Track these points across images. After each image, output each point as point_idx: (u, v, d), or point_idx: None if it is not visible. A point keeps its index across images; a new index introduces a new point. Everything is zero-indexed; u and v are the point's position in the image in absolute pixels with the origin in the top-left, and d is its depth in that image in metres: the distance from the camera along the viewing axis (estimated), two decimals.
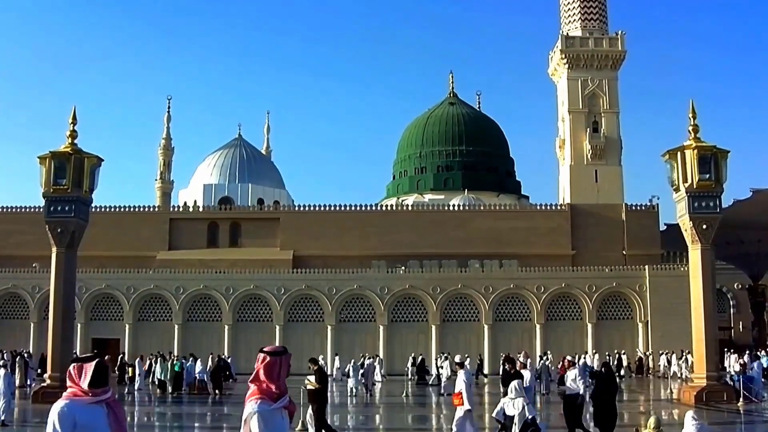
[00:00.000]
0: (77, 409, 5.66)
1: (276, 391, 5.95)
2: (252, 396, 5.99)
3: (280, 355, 6.06)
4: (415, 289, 59.10)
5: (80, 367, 5.79)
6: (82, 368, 5.78)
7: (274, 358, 6.01)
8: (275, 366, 6.00)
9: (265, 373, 5.98)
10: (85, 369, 5.77)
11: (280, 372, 6.01)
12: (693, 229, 31.07)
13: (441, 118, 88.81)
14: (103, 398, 5.78)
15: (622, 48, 74.71)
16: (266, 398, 5.93)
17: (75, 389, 5.75)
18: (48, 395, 29.14)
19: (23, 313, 58.97)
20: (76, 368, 5.79)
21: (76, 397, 5.72)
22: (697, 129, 31.91)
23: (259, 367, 6.02)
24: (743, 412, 28.16)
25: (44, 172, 30.99)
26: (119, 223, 66.68)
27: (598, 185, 71.69)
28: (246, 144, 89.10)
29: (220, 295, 58.67)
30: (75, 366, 5.81)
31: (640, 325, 58.12)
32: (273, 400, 5.93)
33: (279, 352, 6.11)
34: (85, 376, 5.74)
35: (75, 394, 5.74)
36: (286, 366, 6.06)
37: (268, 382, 5.95)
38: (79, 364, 5.82)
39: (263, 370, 5.99)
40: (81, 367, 5.79)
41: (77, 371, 5.77)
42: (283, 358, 6.07)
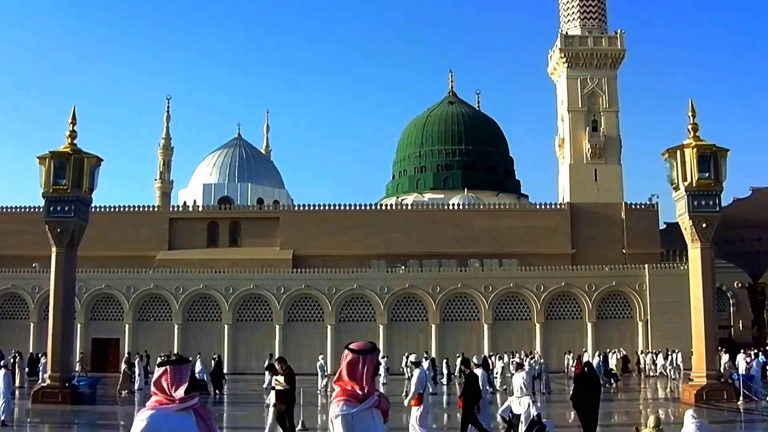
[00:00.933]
0: (164, 418, 5.06)
1: (360, 391, 5.48)
2: (336, 397, 5.57)
3: (362, 353, 5.57)
4: (415, 288, 59.12)
5: (175, 371, 5.14)
6: (178, 372, 5.15)
7: (355, 356, 5.55)
8: (357, 364, 5.53)
9: (348, 372, 5.54)
10: (180, 374, 5.15)
11: (364, 371, 5.53)
12: (693, 228, 31.07)
13: (440, 117, 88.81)
14: (190, 404, 5.17)
15: (621, 47, 74.68)
16: (351, 399, 5.48)
17: (160, 397, 5.13)
18: (47, 395, 29.19)
19: (23, 313, 58.96)
20: (171, 372, 5.14)
21: (162, 405, 5.10)
22: (696, 128, 31.90)
23: (342, 365, 5.59)
24: (743, 410, 28.17)
25: (44, 172, 30.96)
26: (119, 223, 66.68)
27: (598, 184, 71.66)
28: (245, 143, 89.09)
29: (220, 295, 58.67)
30: (169, 369, 5.15)
31: (640, 324, 58.16)
32: (358, 401, 5.47)
33: (363, 350, 5.58)
34: (183, 381, 5.13)
35: (160, 402, 5.12)
36: (370, 365, 5.55)
37: (352, 382, 5.50)
38: (173, 367, 5.16)
39: (346, 368, 5.56)
40: (176, 371, 5.15)
41: (172, 375, 5.13)
42: (367, 356, 5.56)
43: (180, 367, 5.16)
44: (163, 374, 5.13)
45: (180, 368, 5.15)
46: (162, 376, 5.14)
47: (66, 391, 29.27)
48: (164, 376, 5.13)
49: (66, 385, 29.70)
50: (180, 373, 5.13)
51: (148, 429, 5.01)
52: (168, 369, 5.13)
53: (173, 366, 5.15)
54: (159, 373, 5.15)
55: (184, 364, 5.20)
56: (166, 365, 5.17)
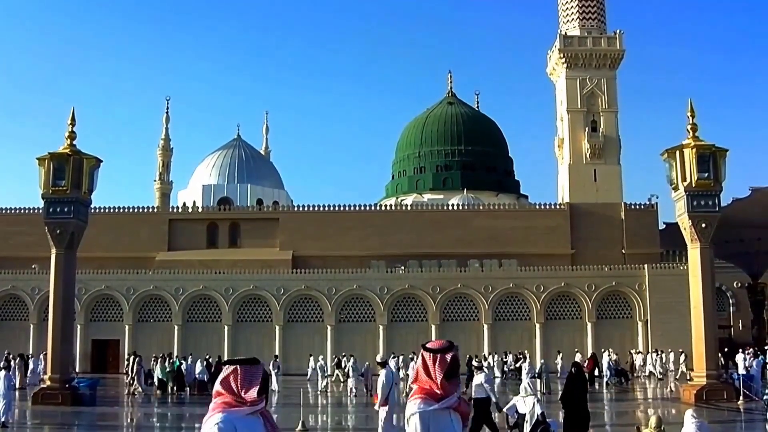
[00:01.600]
0: (236, 422, 4.82)
1: (439, 390, 5.27)
2: (413, 395, 5.41)
3: (437, 352, 5.37)
4: (415, 288, 59.12)
5: (246, 372, 4.91)
6: (249, 373, 4.91)
7: (430, 355, 5.37)
8: (432, 363, 5.35)
9: (424, 371, 5.36)
10: (253, 375, 4.92)
11: (439, 370, 5.31)
12: (692, 228, 31.09)
13: (440, 117, 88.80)
14: (259, 407, 4.97)
15: (620, 47, 74.69)
16: (428, 398, 5.28)
17: (228, 399, 4.88)
18: (47, 396, 29.18)
19: (23, 314, 58.93)
20: (241, 372, 4.90)
21: (232, 408, 4.86)
22: (695, 128, 31.92)
23: (418, 364, 5.41)
24: (743, 410, 28.18)
25: (43, 173, 30.97)
26: (118, 224, 66.66)
27: (597, 184, 71.65)
28: (245, 144, 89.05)
29: (220, 296, 58.67)
30: (240, 370, 4.92)
31: (640, 324, 58.17)
32: (436, 400, 5.27)
33: (437, 348, 5.38)
34: (254, 383, 4.91)
35: (229, 404, 4.87)
36: (445, 364, 5.30)
37: (429, 381, 5.30)
38: (245, 367, 4.94)
39: (421, 367, 5.39)
40: (247, 371, 4.92)
41: (242, 376, 4.90)
42: (443, 354, 5.34)
43: (251, 368, 4.95)
44: (232, 374, 4.92)
45: (251, 369, 4.94)
46: (230, 376, 4.92)
47: (66, 393, 29.26)
48: (233, 376, 4.91)
49: (66, 386, 29.68)
50: (251, 374, 4.93)
51: None
52: (238, 369, 4.92)
53: (245, 366, 4.93)
54: (227, 372, 4.94)
55: (256, 365, 4.99)
56: (235, 364, 4.96)
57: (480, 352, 54.14)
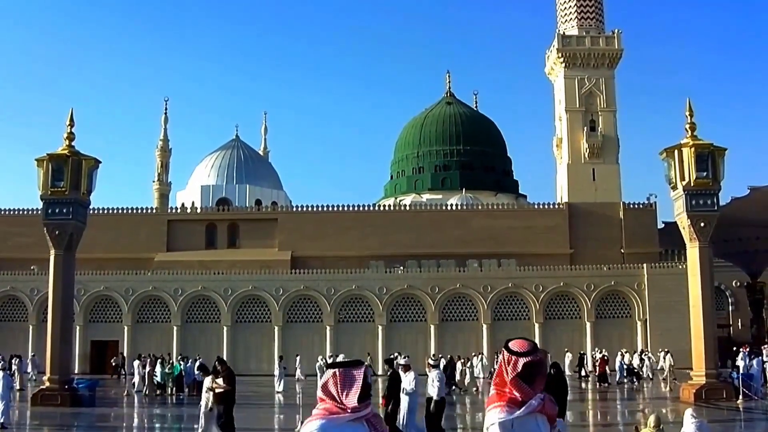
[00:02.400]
0: (335, 429, 4.48)
1: (519, 395, 4.85)
2: (490, 402, 4.96)
3: (518, 355, 4.92)
4: (414, 289, 59.12)
5: (346, 375, 4.54)
6: (348, 376, 4.54)
7: (510, 357, 4.94)
8: (513, 365, 4.93)
9: (500, 373, 4.95)
10: (353, 378, 4.54)
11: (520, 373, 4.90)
12: (691, 227, 31.08)
13: (438, 117, 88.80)
14: (363, 414, 4.55)
15: (618, 46, 74.71)
16: (509, 405, 4.86)
17: (329, 404, 4.55)
18: (47, 398, 29.13)
19: (22, 315, 58.91)
20: (340, 376, 4.54)
21: (333, 414, 4.51)
22: (694, 127, 31.90)
23: (501, 366, 4.95)
24: (743, 409, 28.17)
25: (42, 174, 30.90)
26: (117, 224, 66.66)
27: (596, 184, 71.66)
28: (243, 145, 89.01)
29: (219, 296, 58.65)
30: (338, 373, 4.55)
31: (639, 323, 58.21)
32: (517, 405, 4.83)
33: (520, 352, 4.93)
34: (354, 387, 4.52)
35: (329, 410, 4.53)
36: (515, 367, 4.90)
37: (511, 386, 4.87)
38: (343, 370, 4.56)
39: (503, 368, 4.96)
40: (346, 374, 4.55)
41: (342, 380, 4.53)
42: (516, 358, 4.92)
43: (351, 371, 4.56)
44: (332, 378, 4.56)
45: (351, 372, 4.56)
46: (330, 380, 4.57)
47: (65, 394, 29.22)
48: (332, 380, 4.56)
49: (65, 387, 29.64)
50: (351, 377, 4.55)
51: None
52: (337, 372, 4.55)
53: (344, 369, 4.57)
54: (327, 377, 4.59)
55: (356, 368, 4.59)
56: (334, 368, 4.60)
57: (479, 351, 54.14)
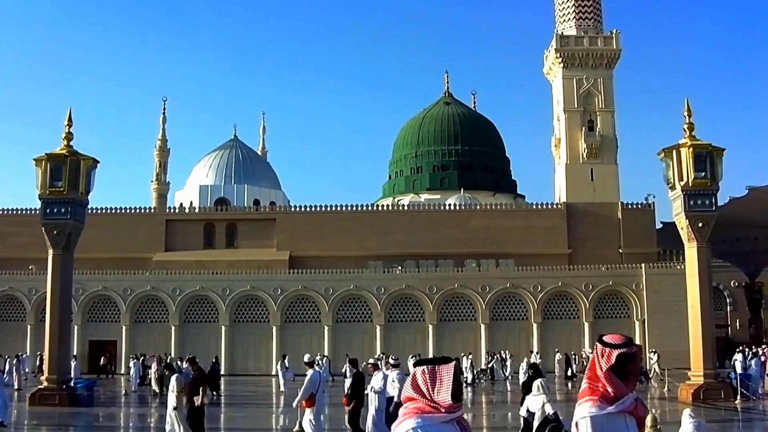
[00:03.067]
0: (430, 429, 4.28)
1: (612, 391, 4.68)
2: (582, 396, 4.83)
3: (608, 347, 4.71)
4: (412, 289, 59.10)
5: (434, 372, 4.36)
6: (437, 373, 4.36)
7: (602, 349, 4.74)
8: (601, 357, 4.74)
9: (592, 367, 4.75)
10: (441, 375, 4.35)
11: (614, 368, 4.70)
12: (689, 227, 31.09)
13: (436, 117, 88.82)
14: (457, 415, 4.38)
15: (616, 46, 74.78)
16: (601, 401, 4.70)
17: (420, 403, 4.34)
18: (45, 397, 29.11)
19: (20, 315, 58.87)
20: (429, 373, 4.36)
21: (426, 414, 4.30)
22: (692, 127, 31.92)
23: (594, 360, 4.76)
24: (740, 409, 28.19)
25: (40, 174, 30.88)
26: (115, 224, 66.61)
27: (594, 184, 71.74)
28: (241, 145, 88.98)
29: (217, 296, 58.61)
30: (426, 370, 4.38)
31: (637, 323, 58.19)
32: (609, 402, 4.68)
33: (610, 344, 4.71)
34: (443, 384, 4.33)
35: (422, 409, 4.32)
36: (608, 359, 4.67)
37: (603, 381, 4.70)
38: (431, 367, 4.38)
39: (593, 361, 4.77)
40: (434, 371, 4.37)
41: (430, 377, 4.35)
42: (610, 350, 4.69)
43: (440, 368, 4.38)
44: (421, 375, 4.39)
45: (443, 369, 4.37)
46: (420, 377, 4.39)
47: (63, 393, 29.20)
48: (422, 378, 4.38)
49: (63, 387, 29.63)
50: (439, 375, 4.36)
51: None
52: (425, 369, 4.38)
53: (434, 366, 4.39)
54: (417, 374, 4.41)
55: (446, 364, 4.40)
56: (423, 365, 4.43)
57: (477, 351, 54.15)
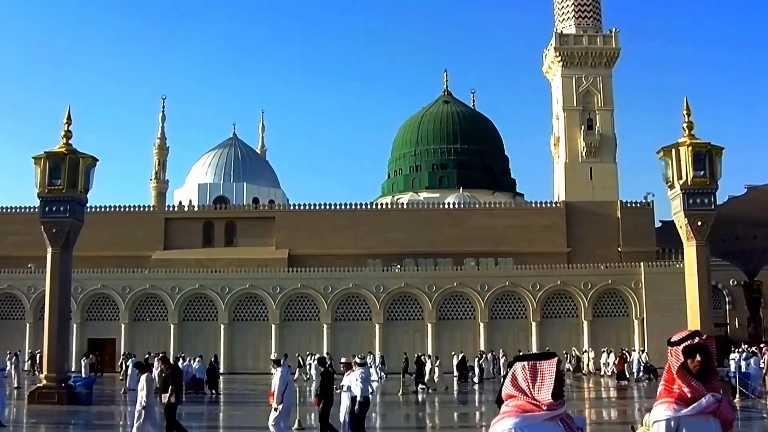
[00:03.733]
0: (531, 429, 4.08)
1: (689, 392, 4.49)
2: (659, 399, 4.63)
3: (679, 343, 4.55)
4: (411, 287, 59.10)
5: (535, 368, 4.16)
6: (538, 370, 4.15)
7: (671, 348, 4.56)
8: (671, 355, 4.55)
9: (668, 368, 4.56)
10: (543, 372, 4.14)
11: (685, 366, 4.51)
12: (688, 226, 31.08)
13: (435, 116, 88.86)
14: (559, 413, 4.17)
15: (616, 45, 74.81)
16: (678, 402, 4.51)
17: (521, 401, 4.14)
18: (43, 396, 29.11)
19: (19, 313, 58.86)
20: (530, 369, 4.15)
21: (526, 412, 4.10)
22: (691, 126, 31.90)
23: (668, 362, 4.57)
24: (740, 408, 28.18)
25: (39, 172, 30.85)
26: (114, 223, 66.59)
27: (593, 182, 71.80)
28: (241, 143, 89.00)
29: (216, 295, 58.60)
30: (527, 366, 4.17)
31: (636, 322, 58.21)
32: (686, 403, 4.49)
33: (680, 339, 4.55)
34: (544, 381, 4.12)
35: (523, 407, 4.12)
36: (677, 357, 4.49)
37: (679, 381, 4.50)
38: (533, 363, 4.17)
39: (670, 363, 4.58)
40: (536, 367, 4.16)
41: (531, 373, 4.15)
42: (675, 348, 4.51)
43: (542, 364, 4.17)
44: (522, 371, 4.18)
45: (542, 365, 4.17)
46: (520, 374, 4.18)
47: (62, 392, 29.21)
48: (523, 374, 4.17)
49: (62, 385, 29.63)
50: (541, 371, 4.16)
51: None
52: (526, 365, 4.18)
53: (535, 362, 4.18)
54: (517, 370, 4.21)
55: (548, 360, 4.19)
56: (524, 360, 4.22)
57: (476, 350, 54.14)
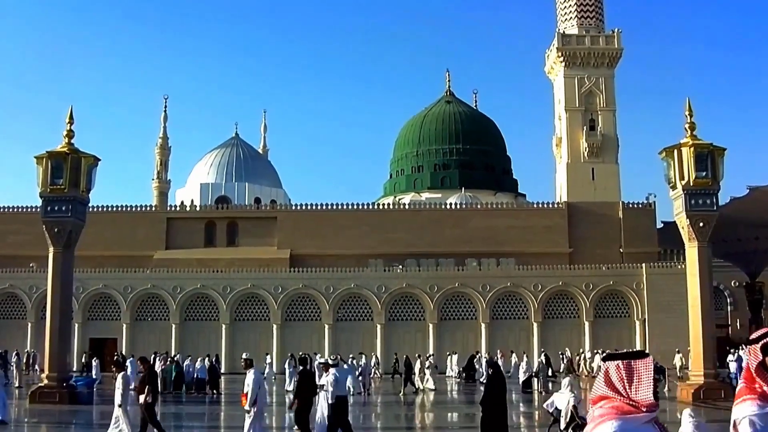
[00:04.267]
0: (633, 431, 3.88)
1: None
2: (739, 396, 4.38)
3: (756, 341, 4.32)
4: (413, 287, 59.10)
5: (630, 367, 3.95)
6: (634, 369, 3.95)
7: (749, 347, 4.39)
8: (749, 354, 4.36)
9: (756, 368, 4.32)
10: (639, 371, 3.93)
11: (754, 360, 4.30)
12: (690, 227, 31.06)
13: (438, 116, 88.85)
14: (656, 414, 3.98)
15: (618, 46, 74.75)
16: (762, 400, 4.24)
17: (617, 402, 3.93)
18: (45, 395, 29.13)
19: (20, 313, 58.90)
20: (623, 368, 3.95)
21: (626, 414, 3.90)
22: (693, 127, 31.89)
23: (747, 360, 4.38)
24: None
25: (41, 171, 30.86)
26: (116, 222, 66.60)
27: (595, 183, 71.74)
28: (243, 143, 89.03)
29: (218, 295, 58.62)
30: (621, 365, 3.96)
31: (638, 323, 58.20)
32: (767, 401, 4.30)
33: (757, 337, 4.36)
34: (642, 381, 3.93)
35: (621, 409, 3.91)
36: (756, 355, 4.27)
37: (759, 379, 4.27)
38: (627, 361, 3.97)
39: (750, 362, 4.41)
40: (630, 366, 3.95)
41: (626, 373, 3.94)
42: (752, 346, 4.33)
43: (636, 363, 3.97)
44: (616, 371, 3.97)
45: (637, 364, 3.96)
46: (614, 374, 3.97)
47: (63, 391, 29.23)
48: (618, 374, 3.96)
49: (63, 384, 29.65)
50: (637, 370, 3.95)
51: None
52: (620, 365, 3.96)
53: (630, 361, 3.97)
54: (610, 370, 3.99)
55: (642, 359, 4.00)
56: (618, 359, 4.02)
57: (478, 351, 54.13)
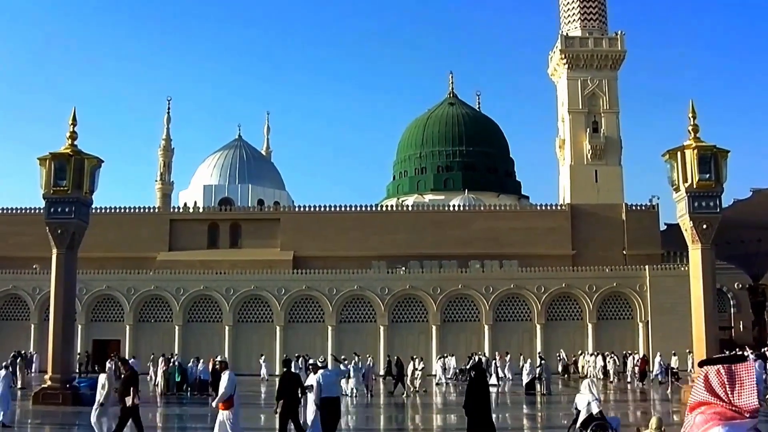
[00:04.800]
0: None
1: None
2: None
3: None
4: (416, 289, 59.09)
5: (731, 372, 3.83)
6: (735, 374, 3.83)
7: None
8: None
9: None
10: (741, 376, 3.83)
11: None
12: (693, 229, 31.02)
13: (441, 118, 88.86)
14: (755, 422, 3.87)
15: (621, 48, 74.68)
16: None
17: (719, 408, 3.81)
18: (48, 396, 29.16)
19: (24, 314, 58.99)
20: (725, 373, 3.83)
21: (731, 420, 3.77)
22: (697, 129, 31.85)
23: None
24: None
25: (44, 173, 30.89)
26: (119, 224, 66.67)
27: (598, 185, 71.64)
28: (246, 145, 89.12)
29: (221, 296, 58.66)
30: (722, 370, 3.85)
31: (641, 325, 58.14)
32: None
33: None
34: (744, 386, 3.81)
35: (724, 414, 3.80)
36: None
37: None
38: (728, 366, 3.85)
39: None
40: (731, 371, 3.83)
41: (728, 378, 3.82)
42: None
43: (737, 367, 3.87)
44: (717, 376, 3.88)
45: (738, 368, 3.87)
46: (715, 379, 3.88)
47: (66, 392, 29.25)
48: (718, 379, 3.87)
49: (66, 386, 29.68)
50: (738, 375, 3.84)
51: None
52: (721, 370, 3.87)
53: (730, 366, 3.88)
54: (710, 374, 3.91)
55: (743, 363, 3.90)
56: (716, 363, 3.91)
57: (480, 352, 54.11)
